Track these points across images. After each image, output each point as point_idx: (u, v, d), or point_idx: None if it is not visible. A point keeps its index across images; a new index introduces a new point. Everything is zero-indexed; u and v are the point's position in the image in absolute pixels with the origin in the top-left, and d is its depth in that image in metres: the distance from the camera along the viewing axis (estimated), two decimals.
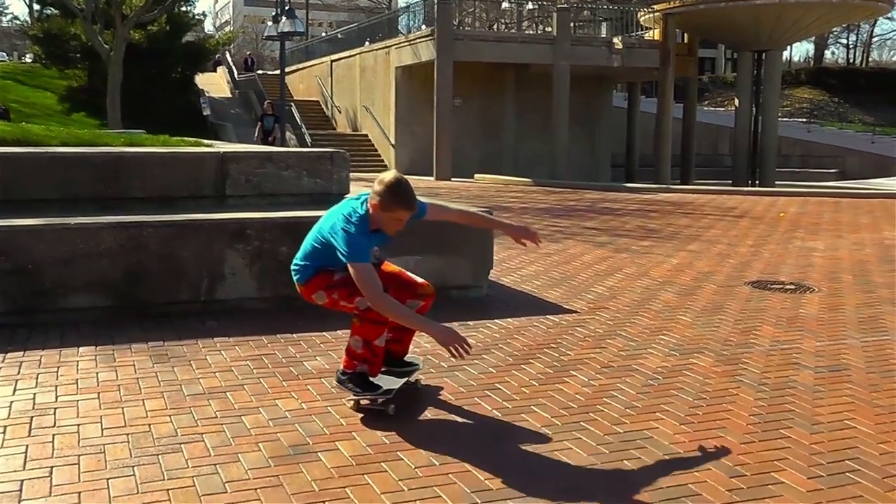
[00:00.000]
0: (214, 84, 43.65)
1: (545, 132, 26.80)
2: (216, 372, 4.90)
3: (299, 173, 7.57)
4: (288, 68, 31.79)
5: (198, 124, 32.16)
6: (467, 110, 27.22)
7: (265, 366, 5.04)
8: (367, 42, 31.95)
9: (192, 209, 6.84)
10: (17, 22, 74.78)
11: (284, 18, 24.35)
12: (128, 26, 28.62)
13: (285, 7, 24.22)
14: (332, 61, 34.64)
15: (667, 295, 7.33)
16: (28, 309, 5.81)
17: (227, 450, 3.78)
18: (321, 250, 4.18)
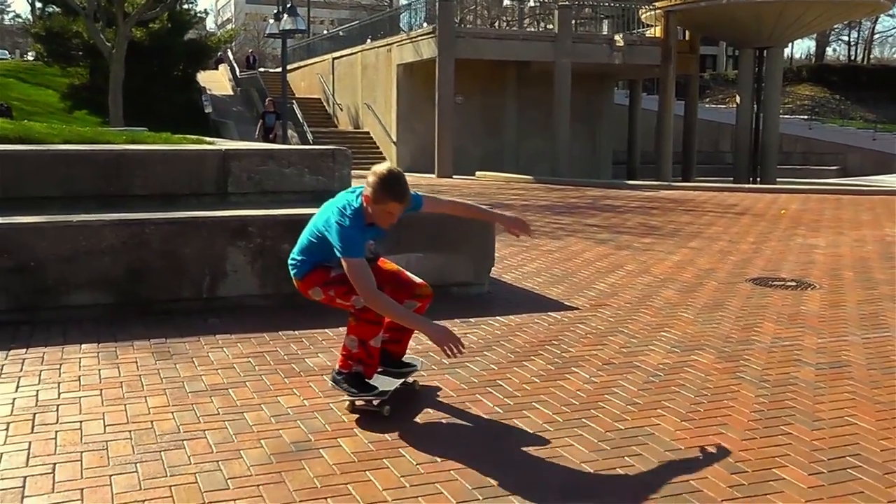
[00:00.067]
0: (216, 82, 43.66)
1: (546, 129, 26.80)
2: (218, 369, 4.91)
3: (301, 171, 7.58)
4: (290, 66, 31.83)
5: (200, 122, 32.16)
6: (469, 108, 27.20)
7: (267, 363, 5.06)
8: (369, 40, 31.96)
9: (194, 207, 6.85)
10: (20, 20, 74.91)
11: (286, 16, 24.34)
12: (130, 24, 28.61)
13: (287, 5, 24.20)
14: (334, 59, 34.63)
15: (668, 292, 7.34)
16: (31, 306, 5.83)
17: (230, 446, 3.79)
18: (317, 244, 4.14)
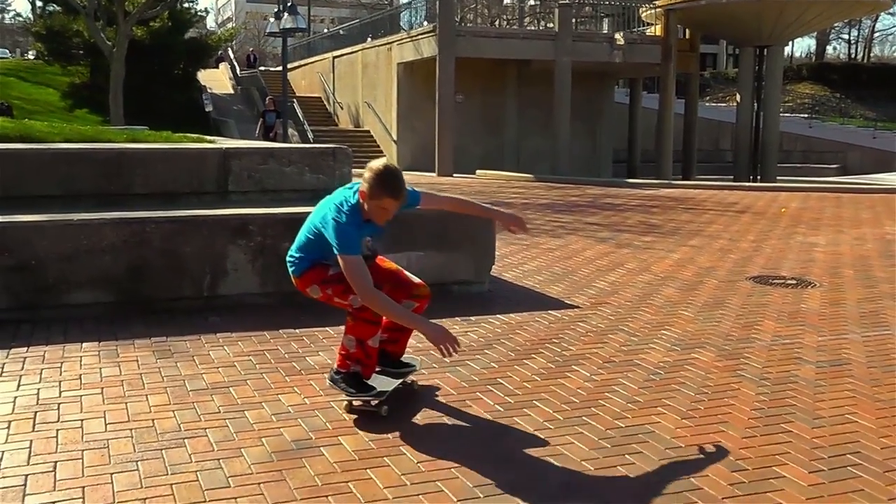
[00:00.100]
0: (217, 80, 43.69)
1: (547, 128, 26.80)
2: (219, 367, 4.92)
3: (301, 169, 7.58)
4: (290, 65, 31.82)
5: (200, 121, 32.20)
6: (469, 106, 27.21)
7: (268, 361, 5.06)
8: (369, 38, 31.97)
9: (195, 205, 6.86)
10: (20, 19, 74.90)
11: (286, 15, 24.32)
12: (130, 23, 28.61)
13: (287, 3, 24.18)
14: (335, 58, 34.65)
15: (668, 290, 7.34)
16: (31, 305, 5.83)
17: (231, 444, 3.79)
18: (315, 241, 4.11)
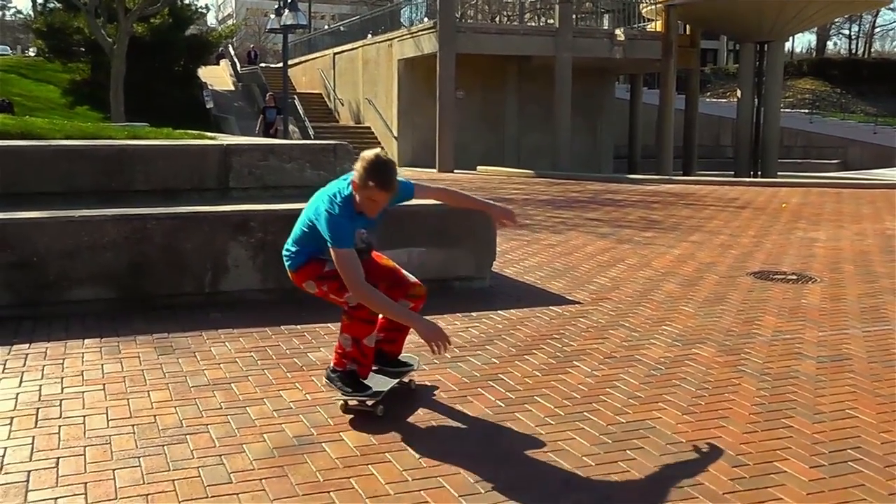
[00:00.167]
0: (217, 77, 43.66)
1: (547, 124, 26.76)
2: (221, 363, 4.93)
3: (302, 165, 7.58)
4: (291, 61, 31.81)
5: (201, 117, 32.19)
6: (469, 102, 27.19)
7: (269, 357, 5.07)
8: (370, 35, 31.94)
9: (196, 201, 6.85)
10: (21, 16, 74.85)
11: (287, 11, 24.29)
12: (131, 19, 28.59)
13: (288, 0, 24.14)
14: (335, 54, 34.62)
15: (669, 286, 7.34)
16: (33, 301, 5.84)
17: (232, 440, 3.80)
18: (309, 234, 4.08)
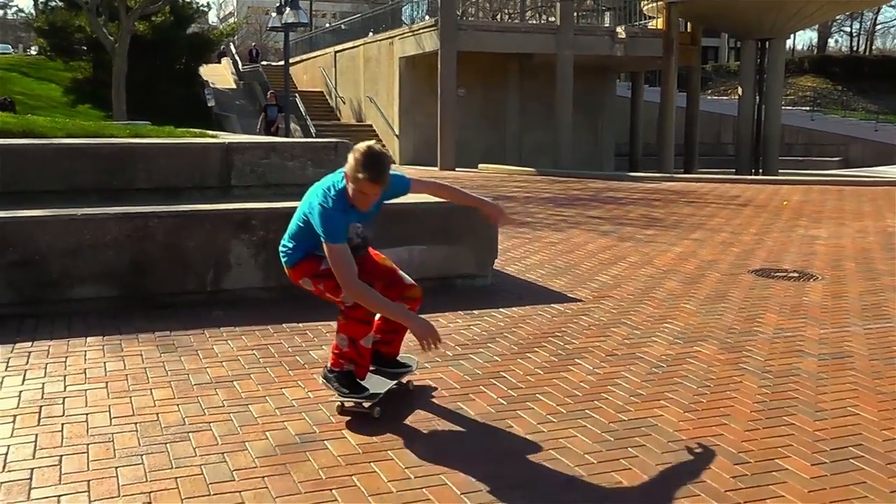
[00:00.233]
0: (219, 75, 43.68)
1: (548, 122, 26.75)
2: (223, 361, 4.93)
3: (304, 163, 7.59)
4: (292, 59, 31.76)
5: (202, 115, 32.21)
6: (471, 100, 27.18)
7: (271, 355, 5.08)
8: (371, 33, 31.93)
9: (198, 200, 6.86)
10: (22, 14, 74.76)
11: (288, 9, 24.30)
12: (132, 18, 28.60)
13: None
14: (336, 52, 34.61)
15: (671, 283, 7.35)
16: (35, 299, 5.85)
17: (235, 438, 3.81)
18: (304, 229, 4.03)
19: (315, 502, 3.24)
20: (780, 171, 26.08)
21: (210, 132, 10.32)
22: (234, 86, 41.84)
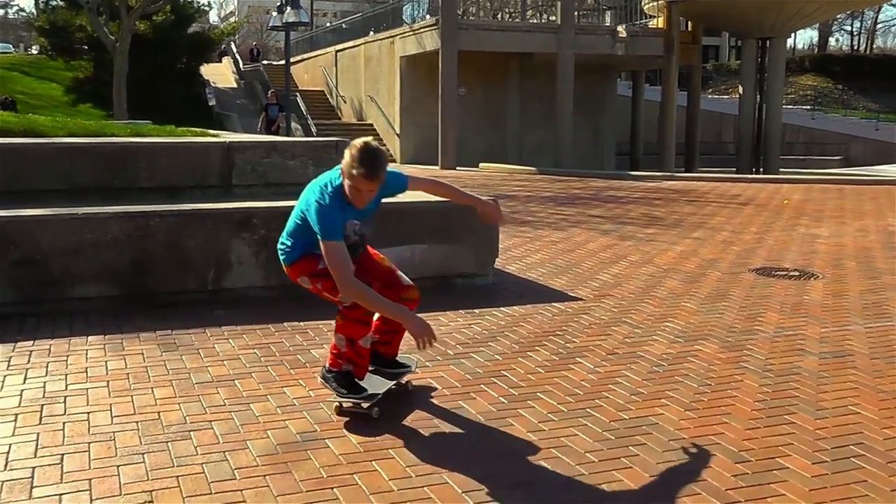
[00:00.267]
0: (220, 74, 43.65)
1: (549, 121, 26.74)
2: (224, 360, 4.94)
3: (305, 162, 7.59)
4: (293, 58, 31.76)
5: (203, 114, 32.18)
6: (472, 99, 27.17)
7: (272, 354, 5.08)
8: (372, 32, 31.92)
9: (199, 199, 6.86)
10: (23, 14, 74.72)
11: (289, 9, 24.31)
12: (133, 17, 28.63)
13: None
14: (337, 51, 34.60)
15: (672, 282, 7.35)
16: (36, 298, 5.85)
17: (236, 437, 3.81)
18: (302, 226, 4.01)
19: (316, 501, 3.24)
20: (781, 170, 26.08)
21: (211, 131, 10.33)
22: (235, 85, 41.81)
